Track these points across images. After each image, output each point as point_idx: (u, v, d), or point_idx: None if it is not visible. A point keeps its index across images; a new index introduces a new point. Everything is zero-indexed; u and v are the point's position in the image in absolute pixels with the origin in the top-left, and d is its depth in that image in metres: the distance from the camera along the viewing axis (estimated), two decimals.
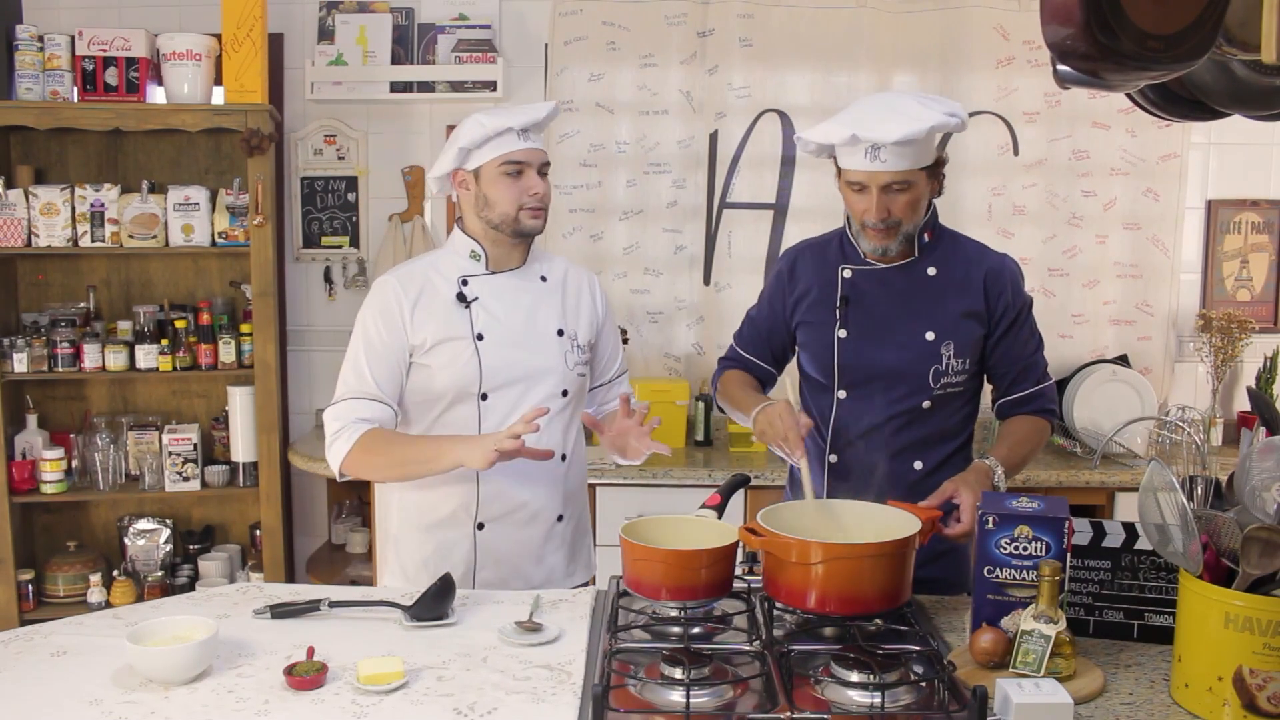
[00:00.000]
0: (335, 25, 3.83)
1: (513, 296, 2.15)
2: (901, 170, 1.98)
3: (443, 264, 2.16)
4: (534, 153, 2.09)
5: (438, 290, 2.12)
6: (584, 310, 2.23)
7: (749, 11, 3.79)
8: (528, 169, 2.08)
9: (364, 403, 2.07)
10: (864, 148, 1.97)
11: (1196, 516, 1.51)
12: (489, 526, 2.13)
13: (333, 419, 2.08)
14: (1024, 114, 3.82)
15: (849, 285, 2.13)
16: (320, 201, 3.93)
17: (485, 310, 2.12)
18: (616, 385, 2.37)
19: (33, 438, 3.63)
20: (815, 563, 1.65)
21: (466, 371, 2.08)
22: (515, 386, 2.11)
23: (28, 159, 3.70)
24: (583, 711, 1.49)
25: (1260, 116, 1.76)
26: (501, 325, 2.12)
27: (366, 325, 2.11)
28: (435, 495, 2.13)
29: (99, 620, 1.85)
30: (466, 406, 2.10)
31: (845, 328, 2.12)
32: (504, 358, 2.10)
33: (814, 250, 2.22)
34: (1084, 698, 1.53)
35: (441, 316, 2.09)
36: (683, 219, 3.90)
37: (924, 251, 2.12)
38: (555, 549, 2.20)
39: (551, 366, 2.14)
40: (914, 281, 2.11)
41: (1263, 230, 3.97)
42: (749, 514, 3.25)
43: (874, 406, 2.10)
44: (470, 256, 2.15)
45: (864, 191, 2.02)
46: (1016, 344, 2.14)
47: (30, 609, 3.57)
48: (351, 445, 2.03)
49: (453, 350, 2.08)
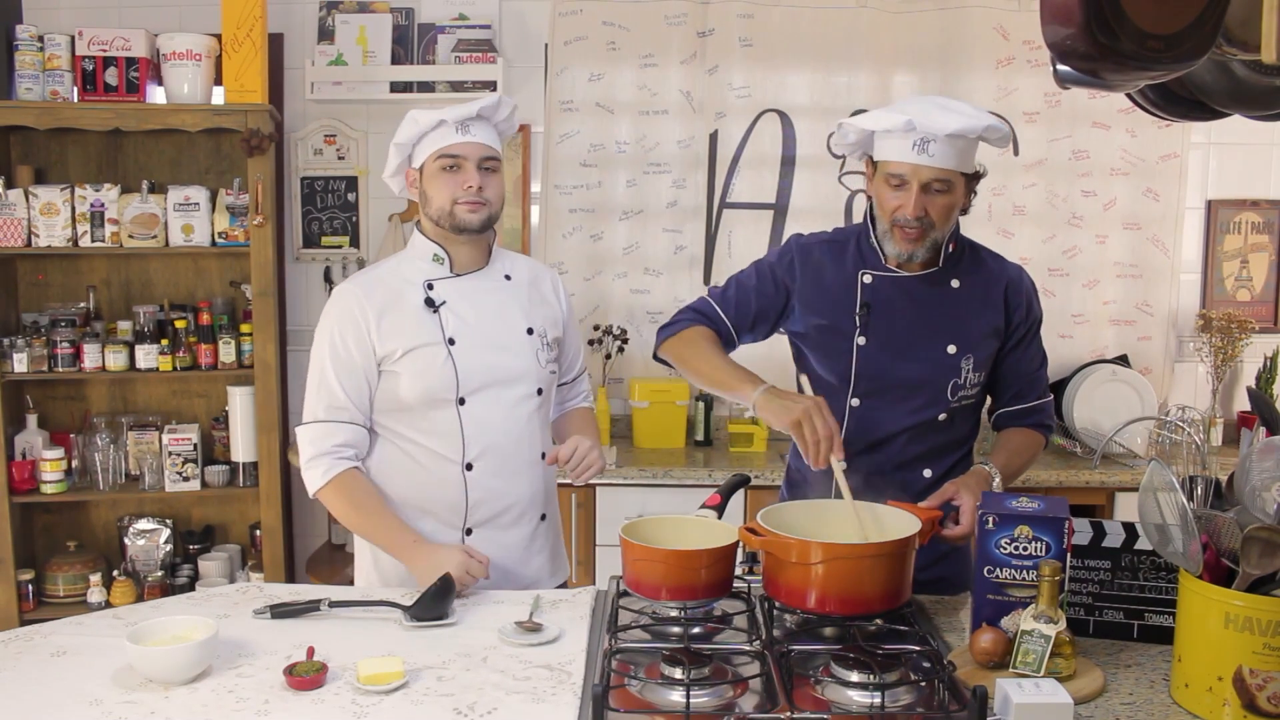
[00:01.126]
0: (335, 25, 3.82)
1: (480, 298, 2.12)
2: (946, 169, 1.93)
3: (405, 269, 2.12)
4: (472, 146, 2.04)
5: (403, 296, 2.08)
6: (549, 307, 2.21)
7: (749, 11, 3.79)
8: (464, 163, 2.04)
9: (338, 427, 2.05)
10: (914, 139, 1.92)
11: (1196, 516, 1.51)
12: (477, 531, 2.11)
13: (307, 442, 2.07)
14: (1024, 114, 3.82)
15: (870, 291, 2.07)
16: (320, 201, 3.93)
17: (454, 314, 2.08)
18: (578, 384, 2.37)
19: (33, 438, 3.63)
20: (815, 563, 1.65)
21: (441, 378, 2.04)
22: (491, 389, 2.09)
23: (28, 159, 3.70)
24: (583, 711, 1.49)
25: (1260, 116, 1.76)
26: (472, 328, 2.09)
27: (332, 337, 2.06)
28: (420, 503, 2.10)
29: (99, 620, 1.85)
30: (444, 412, 2.06)
31: (865, 335, 2.06)
32: (478, 361, 2.07)
33: (830, 248, 2.14)
34: (1084, 698, 1.53)
35: (410, 323, 2.06)
36: (683, 219, 3.90)
37: (948, 262, 2.08)
38: (540, 549, 2.19)
39: (525, 367, 2.12)
40: (938, 293, 2.07)
41: (1263, 230, 3.97)
42: (749, 514, 3.25)
43: (890, 416, 2.07)
44: (433, 260, 2.11)
45: (903, 187, 1.96)
46: (1025, 359, 2.13)
47: (30, 609, 3.57)
48: (327, 482, 2.04)
49: (425, 357, 2.05)
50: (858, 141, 2.06)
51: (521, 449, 2.13)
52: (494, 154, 2.09)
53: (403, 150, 2.10)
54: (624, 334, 3.84)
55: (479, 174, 2.05)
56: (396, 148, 2.10)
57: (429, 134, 2.06)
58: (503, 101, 2.11)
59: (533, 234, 3.96)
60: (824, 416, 1.86)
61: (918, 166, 1.93)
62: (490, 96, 2.10)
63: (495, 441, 2.09)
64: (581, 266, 3.90)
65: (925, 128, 1.91)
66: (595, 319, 3.88)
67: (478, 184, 2.04)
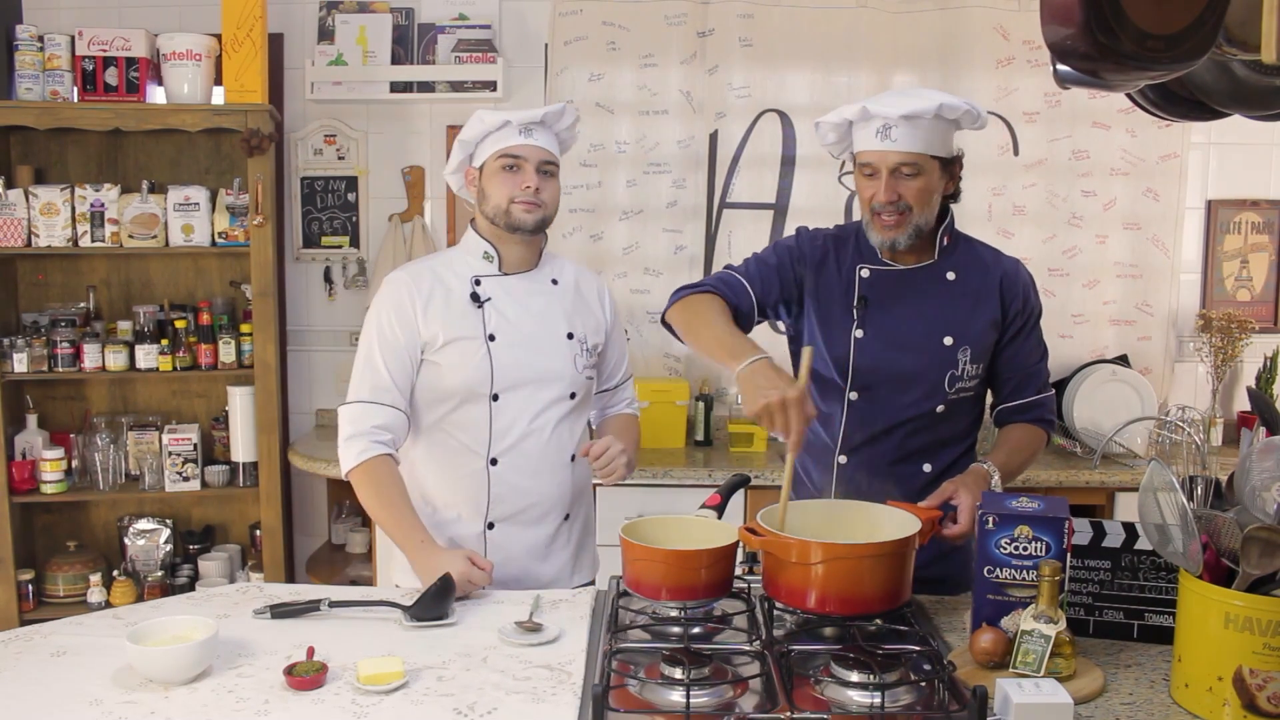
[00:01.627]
0: (335, 25, 3.82)
1: (525, 299, 2.17)
2: (912, 152, 1.96)
3: (456, 263, 2.18)
4: (533, 149, 2.10)
5: (450, 289, 2.13)
6: (593, 314, 2.25)
7: (749, 11, 3.79)
8: (524, 164, 2.09)
9: (379, 409, 2.08)
10: (876, 127, 1.97)
11: (1196, 516, 1.51)
12: (499, 526, 2.14)
13: (347, 421, 2.10)
14: (1024, 114, 3.82)
15: (867, 285, 2.10)
16: (320, 201, 3.93)
17: (498, 311, 2.13)
18: (622, 390, 2.40)
19: (33, 438, 3.63)
20: (815, 563, 1.65)
21: (478, 371, 2.09)
22: (525, 388, 2.12)
23: (28, 159, 3.70)
24: (583, 711, 1.49)
25: (1260, 116, 1.76)
26: (513, 326, 2.13)
27: (380, 320, 2.12)
28: (446, 494, 2.15)
29: (99, 620, 1.85)
30: (477, 406, 2.11)
31: (863, 328, 2.08)
32: (515, 359, 2.11)
33: (836, 243, 2.16)
34: (1084, 698, 1.53)
35: (454, 315, 2.11)
36: (683, 219, 3.90)
37: (942, 255, 2.10)
38: (562, 547, 2.21)
39: (561, 369, 2.15)
40: (933, 285, 2.09)
41: (1263, 230, 3.97)
42: (749, 514, 3.25)
43: (887, 410, 2.08)
44: (484, 257, 2.16)
45: (875, 175, 2.01)
46: (1023, 351, 2.13)
47: (30, 609, 3.57)
48: (359, 463, 2.06)
49: (464, 349, 2.09)
50: (839, 140, 2.11)
51: (549, 450, 2.15)
52: (553, 159, 2.14)
53: (466, 147, 2.16)
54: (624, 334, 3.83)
55: (537, 176, 2.10)
56: (460, 144, 2.15)
57: (493, 133, 2.11)
58: (566, 110, 2.16)
59: None
60: (794, 413, 1.75)
61: (884, 152, 1.98)
62: (556, 105, 2.16)
63: (523, 439, 2.13)
64: None
65: (880, 112, 1.97)
66: None
67: (535, 185, 2.09)
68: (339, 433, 2.11)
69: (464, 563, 1.94)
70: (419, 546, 2.01)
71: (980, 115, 2.03)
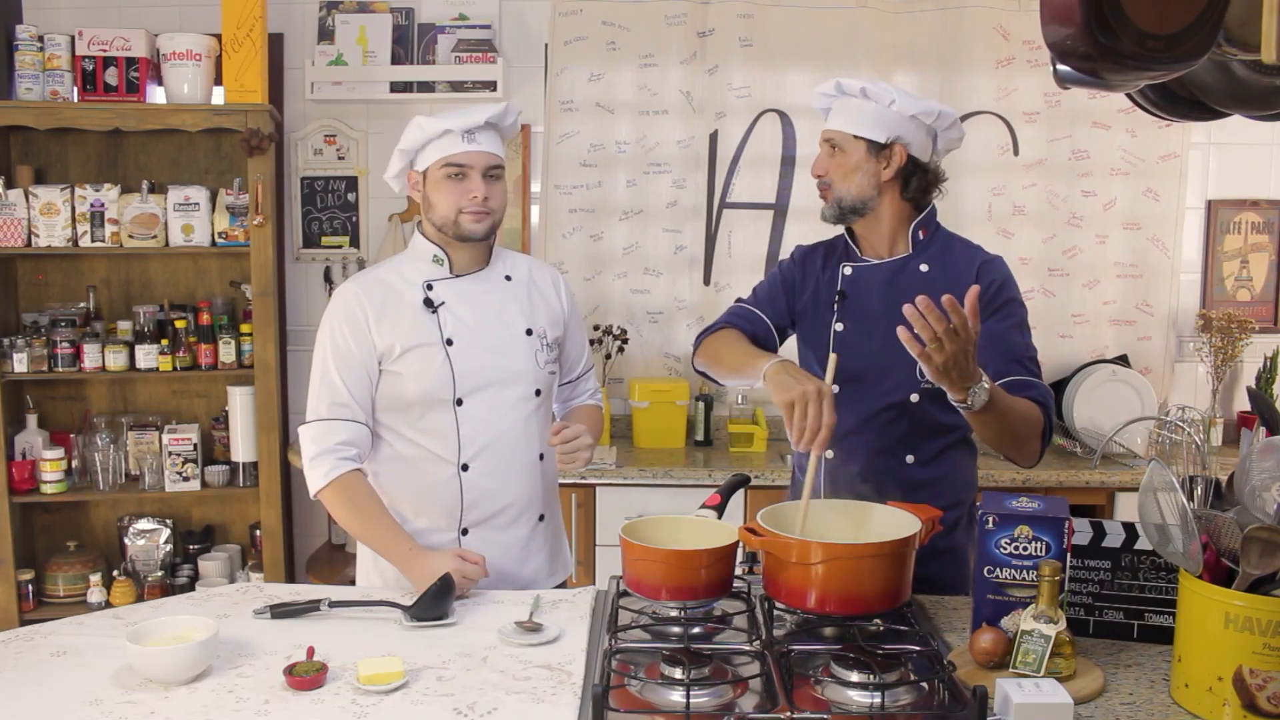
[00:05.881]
0: (335, 25, 3.82)
1: (479, 299, 2.13)
2: (833, 129, 2.11)
3: (405, 269, 2.14)
4: (478, 155, 2.05)
5: (402, 296, 2.09)
6: (550, 307, 2.22)
7: (749, 11, 3.79)
8: (470, 171, 2.05)
9: (341, 425, 2.05)
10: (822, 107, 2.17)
11: (1196, 516, 1.51)
12: (473, 531, 2.12)
13: (310, 441, 2.06)
14: (1024, 114, 3.82)
15: (848, 281, 2.17)
16: (320, 201, 3.93)
17: (453, 315, 2.10)
18: (584, 381, 2.37)
19: (33, 438, 3.63)
20: (815, 563, 1.65)
21: (438, 378, 2.06)
22: (488, 390, 2.10)
23: (28, 159, 3.70)
24: (583, 711, 1.49)
25: (1260, 116, 1.76)
26: (470, 329, 2.10)
27: (334, 334, 2.08)
28: (416, 504, 2.12)
29: (99, 620, 1.85)
30: (442, 413, 2.08)
31: (842, 321, 2.14)
32: (476, 361, 2.08)
33: (824, 249, 2.26)
34: (1084, 698, 1.53)
35: (408, 323, 2.07)
36: (683, 219, 3.90)
37: (918, 249, 2.15)
38: (538, 549, 2.20)
39: (523, 368, 2.13)
40: (907, 278, 2.13)
41: (1263, 230, 3.97)
42: (749, 514, 3.25)
43: (864, 400, 2.10)
44: (433, 261, 2.13)
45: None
46: (1002, 334, 2.07)
47: (30, 609, 3.57)
48: (328, 483, 2.03)
49: (422, 357, 2.06)
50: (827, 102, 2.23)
51: (519, 450, 2.13)
52: (499, 162, 2.10)
53: (406, 156, 2.11)
54: (624, 334, 3.84)
55: (484, 183, 2.06)
56: (400, 153, 2.11)
57: (434, 141, 2.06)
58: (508, 109, 2.12)
59: (533, 234, 3.96)
60: (822, 406, 1.84)
61: (824, 127, 2.15)
62: (496, 106, 2.10)
63: (492, 442, 2.10)
64: (581, 266, 3.90)
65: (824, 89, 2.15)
66: (595, 319, 3.88)
67: (483, 194, 2.06)
68: (302, 453, 2.08)
69: (455, 561, 1.94)
70: (407, 555, 2.00)
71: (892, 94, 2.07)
